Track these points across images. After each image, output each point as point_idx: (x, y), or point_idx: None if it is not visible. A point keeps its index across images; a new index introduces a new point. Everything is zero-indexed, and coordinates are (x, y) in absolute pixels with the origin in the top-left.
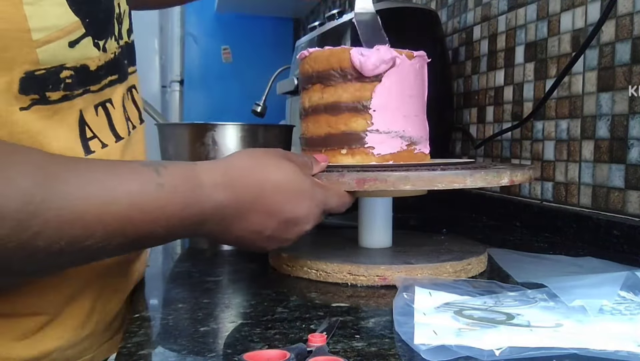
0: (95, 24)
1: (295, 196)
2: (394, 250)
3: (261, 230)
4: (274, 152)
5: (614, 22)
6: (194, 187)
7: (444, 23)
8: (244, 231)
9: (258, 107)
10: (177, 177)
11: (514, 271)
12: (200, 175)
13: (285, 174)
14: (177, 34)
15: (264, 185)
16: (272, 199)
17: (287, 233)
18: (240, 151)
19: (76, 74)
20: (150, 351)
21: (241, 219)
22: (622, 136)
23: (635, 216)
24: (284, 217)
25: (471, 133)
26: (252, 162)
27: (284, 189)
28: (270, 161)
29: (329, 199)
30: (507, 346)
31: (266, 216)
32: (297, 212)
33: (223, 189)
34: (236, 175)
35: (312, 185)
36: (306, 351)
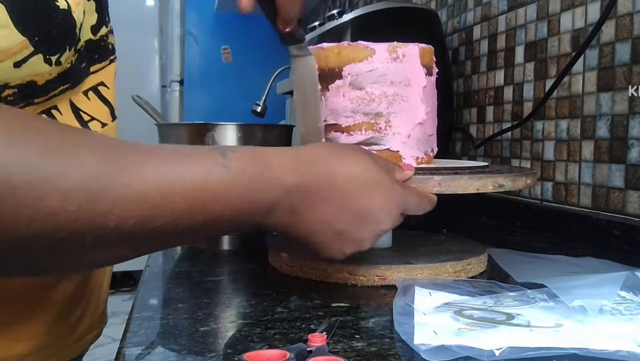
0: (47, 41)
1: (371, 189)
2: (394, 250)
3: (332, 222)
4: (352, 147)
5: (614, 22)
6: (262, 171)
7: (444, 23)
8: (315, 223)
9: (258, 107)
10: (244, 160)
11: (514, 271)
12: (268, 158)
13: (362, 166)
14: (177, 34)
15: (337, 173)
16: (344, 190)
17: (361, 230)
18: (318, 143)
19: (20, 90)
20: (150, 351)
21: (312, 208)
22: (622, 136)
23: (635, 216)
24: (358, 210)
25: (471, 133)
26: (326, 151)
27: (359, 181)
28: (346, 152)
29: (409, 198)
30: (507, 346)
31: (337, 207)
32: (372, 207)
33: (291, 173)
34: (307, 160)
35: (391, 181)
36: (306, 351)
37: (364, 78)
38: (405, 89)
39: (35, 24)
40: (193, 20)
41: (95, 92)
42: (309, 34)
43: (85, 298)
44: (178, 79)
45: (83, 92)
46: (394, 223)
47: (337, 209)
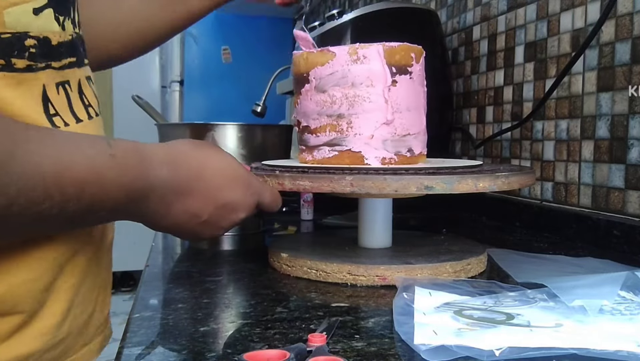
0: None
1: (232, 181)
2: (394, 250)
3: (198, 214)
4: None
5: (613, 22)
6: (141, 160)
7: (443, 23)
8: (183, 214)
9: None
10: (126, 150)
11: (514, 271)
12: (146, 150)
13: (225, 160)
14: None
15: (205, 167)
16: (211, 183)
17: (222, 219)
18: (185, 139)
19: (39, 44)
20: (150, 351)
21: (181, 199)
22: (622, 136)
23: (635, 216)
24: (221, 202)
25: (471, 133)
26: (194, 147)
27: (223, 174)
28: (210, 148)
29: (264, 193)
30: (507, 346)
31: (205, 199)
32: (233, 197)
33: (166, 165)
34: (178, 155)
35: (248, 175)
36: (306, 351)
37: (326, 81)
38: (367, 89)
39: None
40: None
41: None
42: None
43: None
44: (178, 79)
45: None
46: (249, 213)
47: (204, 201)
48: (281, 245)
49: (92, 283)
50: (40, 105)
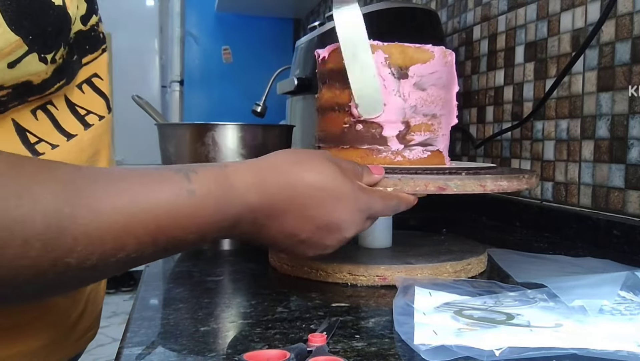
0: (42, 39)
1: (333, 201)
2: (394, 250)
3: (295, 233)
4: (317, 154)
5: (613, 22)
6: (225, 190)
7: (444, 23)
8: (278, 234)
9: (258, 107)
10: (208, 182)
11: (514, 271)
12: (231, 177)
13: (323, 176)
14: (177, 34)
15: (297, 187)
16: (307, 202)
17: (325, 239)
18: (279, 151)
19: (15, 90)
20: (150, 351)
21: (274, 221)
22: (622, 136)
23: (635, 216)
24: (320, 222)
25: (471, 133)
26: (288, 163)
27: (320, 192)
28: (308, 161)
29: (374, 203)
30: (507, 346)
31: (299, 219)
32: (335, 217)
33: (255, 191)
34: (269, 176)
35: (354, 189)
36: (306, 351)
37: (427, 80)
38: (449, 92)
39: (29, 22)
40: (193, 20)
41: (90, 85)
42: (309, 34)
43: (84, 296)
44: (178, 79)
45: (77, 86)
46: (359, 229)
47: (299, 221)
48: None
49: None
50: (16, 137)
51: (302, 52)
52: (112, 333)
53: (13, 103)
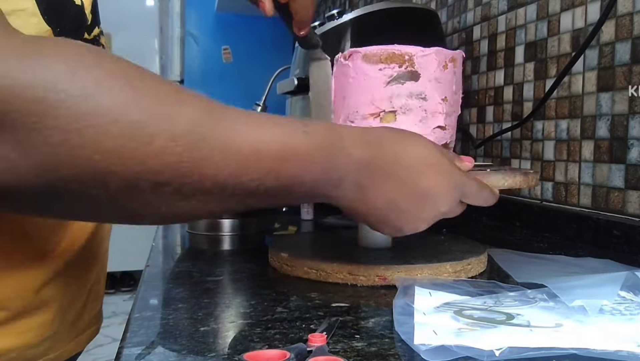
0: (64, 34)
1: (434, 169)
2: (394, 250)
3: (396, 199)
4: (417, 134)
5: (613, 22)
6: (336, 140)
7: (444, 23)
8: (378, 199)
9: (258, 107)
10: (321, 130)
11: (514, 271)
12: (340, 130)
13: (426, 148)
14: (177, 34)
15: (401, 152)
16: (409, 168)
17: (422, 210)
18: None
19: None
20: (150, 351)
21: (376, 184)
22: (622, 136)
23: (635, 216)
24: (420, 190)
25: (471, 133)
26: (392, 132)
27: (421, 161)
28: (411, 134)
29: (469, 184)
30: (507, 346)
31: (403, 185)
32: (434, 187)
33: (361, 146)
34: (375, 138)
35: (452, 165)
36: (306, 351)
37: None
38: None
39: (58, 16)
40: (193, 20)
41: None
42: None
43: (87, 288)
44: (178, 79)
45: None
46: (452, 206)
47: (401, 187)
48: (281, 245)
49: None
50: None
51: (302, 52)
52: (112, 333)
53: None
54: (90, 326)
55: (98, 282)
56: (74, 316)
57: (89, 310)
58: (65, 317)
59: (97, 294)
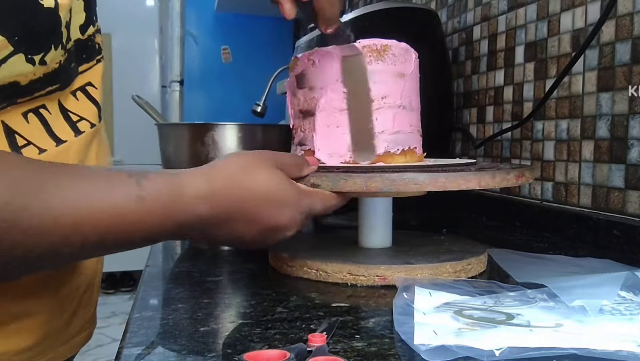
0: (29, 40)
1: (278, 206)
2: (394, 250)
3: (241, 236)
4: (263, 159)
5: (614, 22)
6: (175, 199)
7: (444, 23)
8: (225, 236)
9: (258, 107)
10: (158, 189)
11: (514, 271)
12: (182, 187)
13: (270, 184)
14: (177, 34)
15: (247, 197)
16: (254, 210)
17: (268, 239)
18: (229, 156)
19: (1, 91)
20: (150, 351)
21: (222, 228)
22: (622, 136)
23: (635, 216)
24: (264, 226)
25: (471, 133)
26: (238, 172)
27: (267, 200)
28: (257, 169)
29: (314, 205)
30: (507, 346)
31: (246, 224)
32: (279, 221)
33: (204, 203)
34: (219, 187)
35: (297, 193)
36: (306, 351)
37: None
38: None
39: (15, 22)
40: (193, 20)
41: (84, 92)
42: (308, 34)
43: (77, 297)
44: (178, 79)
45: (71, 93)
46: (300, 227)
47: (246, 226)
48: (281, 245)
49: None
50: (4, 139)
51: (302, 52)
52: (111, 333)
53: (1, 105)
54: (81, 331)
55: (91, 287)
56: (64, 323)
57: (80, 316)
58: (53, 325)
59: (89, 301)
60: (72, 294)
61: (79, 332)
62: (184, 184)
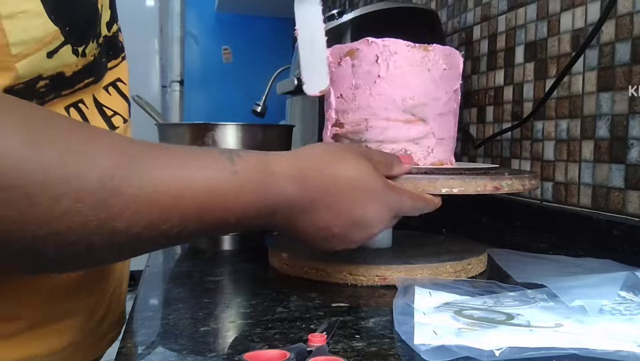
0: (76, 31)
1: (365, 197)
2: (394, 250)
3: (327, 227)
4: (352, 149)
5: (614, 22)
6: (266, 177)
7: (444, 23)
8: (310, 227)
9: (258, 107)
10: (250, 166)
11: (514, 271)
12: (272, 166)
13: (358, 172)
14: (177, 34)
15: (334, 182)
16: (341, 198)
17: (353, 235)
18: (317, 144)
19: (51, 81)
20: (150, 351)
21: (308, 214)
22: (622, 136)
23: (635, 216)
24: (351, 218)
25: (471, 133)
26: (326, 157)
27: (354, 189)
28: (345, 156)
29: (403, 203)
30: (507, 346)
31: (333, 214)
32: (365, 214)
33: (293, 182)
34: (307, 169)
35: (385, 187)
36: (306, 351)
37: None
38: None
39: (66, 13)
40: (193, 20)
41: (115, 88)
42: None
43: (108, 296)
44: (178, 79)
45: (104, 88)
46: (387, 226)
47: (333, 216)
48: (281, 245)
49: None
50: None
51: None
52: None
53: (50, 96)
54: (110, 331)
55: (120, 285)
56: (95, 324)
57: (109, 317)
58: (88, 324)
59: (120, 298)
60: (104, 295)
61: (108, 332)
62: (273, 162)
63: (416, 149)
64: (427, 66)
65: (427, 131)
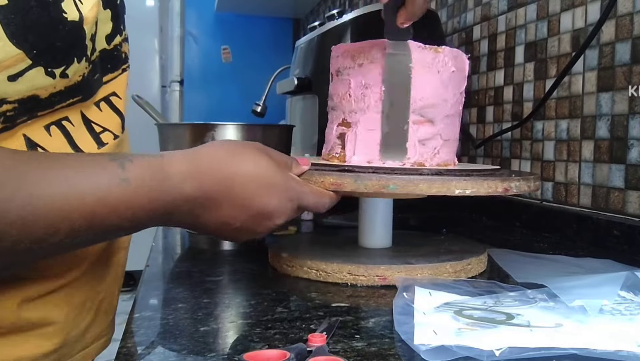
0: (50, 53)
1: (266, 189)
2: (394, 250)
3: (230, 222)
4: (250, 145)
5: (614, 22)
6: (160, 180)
7: (444, 23)
8: (213, 222)
9: (258, 107)
10: (142, 170)
11: (514, 271)
12: (166, 167)
13: (257, 166)
14: (177, 34)
15: (234, 177)
16: (241, 192)
17: (257, 226)
18: (213, 142)
19: (21, 105)
20: (150, 351)
21: (209, 210)
22: (622, 136)
23: (635, 216)
24: (253, 210)
25: (471, 133)
26: (223, 153)
27: (255, 182)
28: (243, 152)
29: (305, 196)
30: (507, 346)
31: (235, 208)
32: (267, 206)
33: (190, 181)
34: (205, 166)
35: (286, 179)
36: (306, 351)
37: None
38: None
39: (35, 36)
40: (193, 20)
41: (107, 103)
42: (308, 34)
43: (95, 305)
44: (178, 79)
45: (95, 104)
46: (290, 216)
47: (234, 211)
48: (281, 245)
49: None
50: None
51: (302, 52)
52: None
53: (21, 118)
54: (99, 338)
55: (111, 294)
56: (81, 331)
57: (97, 323)
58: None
59: (109, 307)
60: (90, 302)
61: (96, 339)
62: (168, 163)
63: (423, 150)
64: (437, 68)
65: (435, 132)
